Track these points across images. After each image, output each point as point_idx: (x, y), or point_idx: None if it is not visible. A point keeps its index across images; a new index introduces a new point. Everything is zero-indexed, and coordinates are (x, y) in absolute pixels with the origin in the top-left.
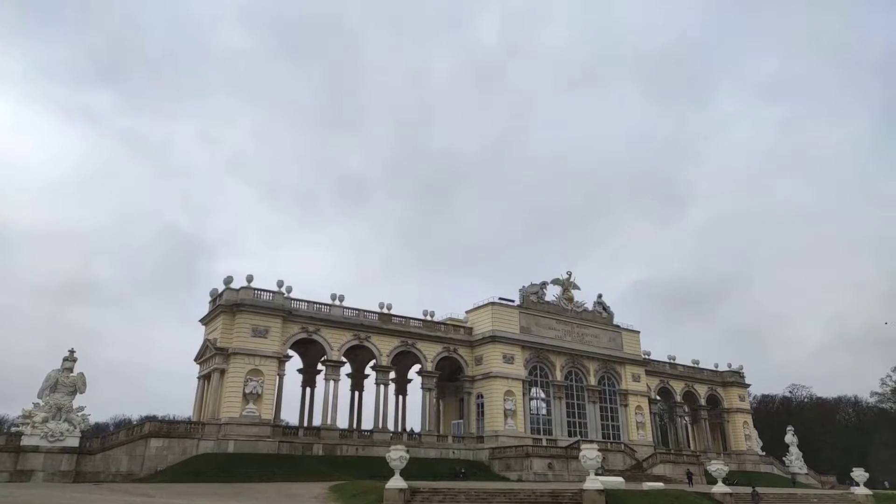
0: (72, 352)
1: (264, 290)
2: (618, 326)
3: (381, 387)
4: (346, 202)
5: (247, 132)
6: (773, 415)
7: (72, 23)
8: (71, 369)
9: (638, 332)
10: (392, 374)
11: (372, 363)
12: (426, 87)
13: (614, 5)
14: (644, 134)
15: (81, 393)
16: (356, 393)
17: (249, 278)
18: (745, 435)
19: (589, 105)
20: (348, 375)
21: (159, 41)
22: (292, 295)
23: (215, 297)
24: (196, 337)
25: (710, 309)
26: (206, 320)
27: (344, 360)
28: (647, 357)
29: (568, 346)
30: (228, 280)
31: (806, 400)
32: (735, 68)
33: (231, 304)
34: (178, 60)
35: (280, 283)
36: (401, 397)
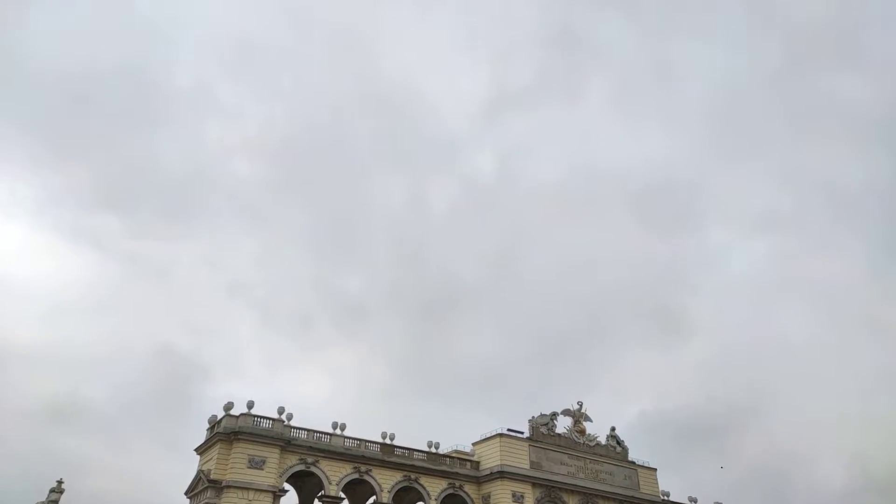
0: (59, 482)
1: (264, 418)
2: (633, 463)
3: None
4: (346, 326)
5: (248, 256)
6: None
7: (88, 153)
8: (57, 501)
9: (655, 470)
10: None
11: (372, 500)
12: (425, 214)
13: (602, 144)
14: (641, 261)
15: None
16: None
17: (250, 404)
18: None
19: (585, 233)
20: None
21: (171, 170)
22: (292, 423)
23: (213, 423)
24: (189, 466)
25: (722, 443)
26: (201, 449)
27: (342, 496)
28: (665, 498)
29: (581, 483)
30: (229, 406)
31: None
32: (725, 202)
33: (229, 432)
34: (187, 188)
35: (281, 410)
36: None
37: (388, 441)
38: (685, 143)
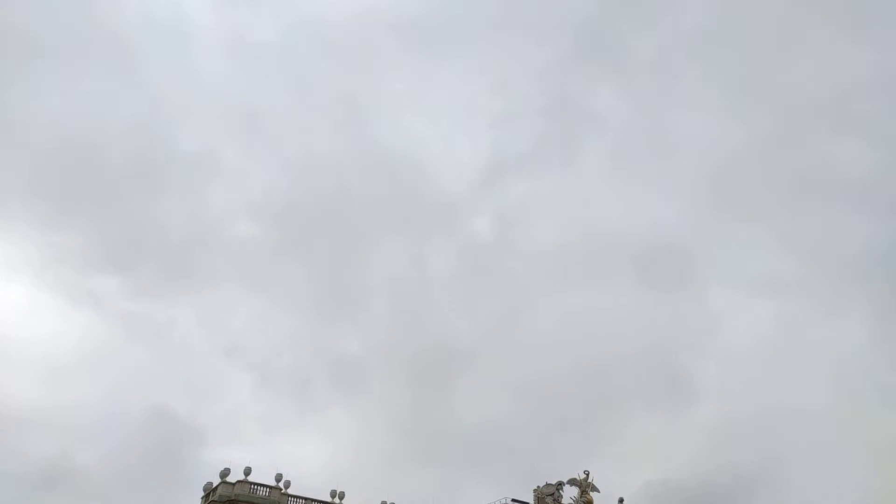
0: None
1: (261, 485)
2: None
3: None
4: (345, 388)
5: (247, 317)
6: None
7: (93, 213)
8: None
9: None
10: None
11: None
12: (425, 276)
13: (600, 208)
14: (644, 324)
15: None
16: None
17: (247, 471)
18: None
19: (586, 295)
20: None
21: (174, 231)
22: (290, 490)
23: (209, 491)
24: None
25: None
26: None
27: None
28: None
29: None
30: (225, 473)
31: None
32: (726, 265)
33: (225, 501)
34: (188, 249)
35: (279, 478)
36: None
37: None
38: (683, 207)
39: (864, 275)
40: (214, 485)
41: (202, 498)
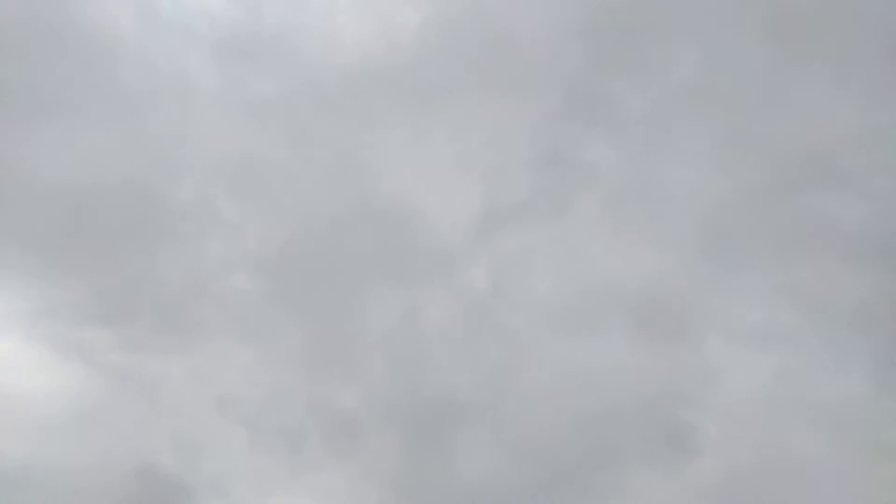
0: None
1: None
2: None
3: None
4: (338, 444)
5: (240, 370)
6: None
7: (87, 266)
8: None
9: None
10: None
11: None
12: (420, 327)
13: (593, 259)
14: (642, 377)
15: None
16: None
17: None
18: None
19: (582, 347)
20: None
21: (170, 284)
22: None
23: None
24: None
25: None
26: None
27: None
28: None
29: None
30: None
31: None
32: (722, 316)
33: None
34: (183, 301)
35: None
36: None
37: None
38: (677, 257)
39: (862, 326)
40: None
41: None
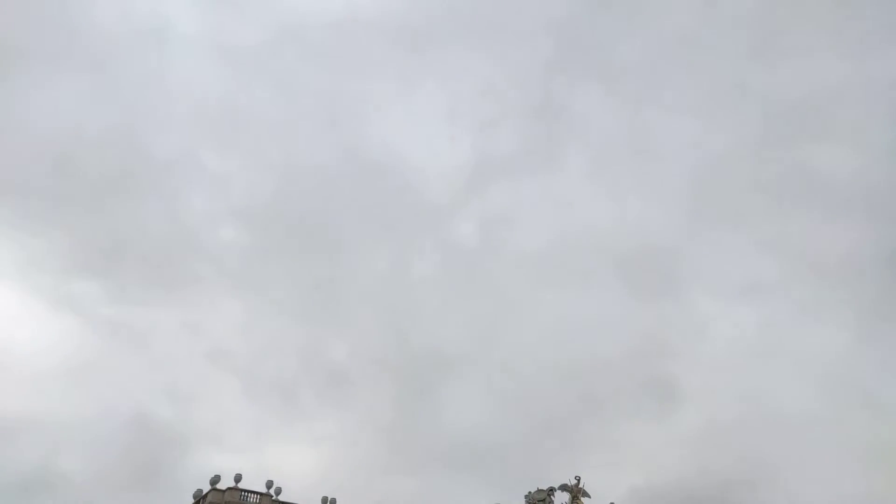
0: None
1: (252, 492)
2: None
3: None
4: (331, 395)
5: (231, 323)
6: None
7: (71, 218)
8: None
9: None
10: None
11: None
12: (409, 281)
13: (584, 211)
14: (629, 329)
15: None
16: None
17: (237, 478)
18: None
19: (571, 300)
20: None
21: (155, 236)
22: (281, 497)
23: (198, 499)
24: None
25: None
26: None
27: None
28: None
29: None
30: (215, 480)
31: None
32: (709, 269)
33: None
34: (170, 254)
35: (269, 484)
36: None
37: None
38: (666, 210)
39: (849, 279)
40: (204, 492)
41: None
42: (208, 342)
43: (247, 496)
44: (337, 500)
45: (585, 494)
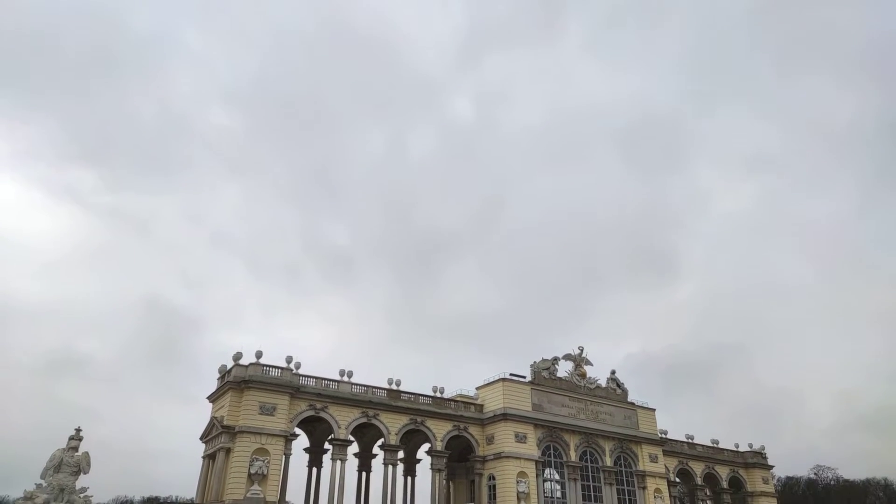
0: (78, 430)
1: (273, 367)
2: (633, 404)
3: (390, 467)
4: (335, 275)
5: (229, 207)
6: (800, 499)
7: (57, 103)
8: (76, 448)
9: (654, 410)
10: (400, 454)
11: (380, 442)
12: (406, 161)
13: (583, 85)
14: (629, 203)
15: (85, 473)
16: (363, 473)
17: (259, 354)
18: None
19: (570, 176)
20: (355, 455)
21: (144, 120)
22: (300, 371)
23: (224, 373)
24: (194, 414)
25: (709, 383)
26: (213, 397)
27: (351, 438)
28: (664, 436)
29: (582, 424)
30: (238, 356)
31: (833, 482)
32: (711, 141)
33: (239, 381)
34: (161, 139)
35: (289, 360)
36: (409, 478)
37: (394, 387)
38: (668, 81)
39: (852, 148)
40: (228, 367)
41: (218, 379)
42: (209, 227)
43: (268, 371)
44: (353, 372)
45: (587, 362)
